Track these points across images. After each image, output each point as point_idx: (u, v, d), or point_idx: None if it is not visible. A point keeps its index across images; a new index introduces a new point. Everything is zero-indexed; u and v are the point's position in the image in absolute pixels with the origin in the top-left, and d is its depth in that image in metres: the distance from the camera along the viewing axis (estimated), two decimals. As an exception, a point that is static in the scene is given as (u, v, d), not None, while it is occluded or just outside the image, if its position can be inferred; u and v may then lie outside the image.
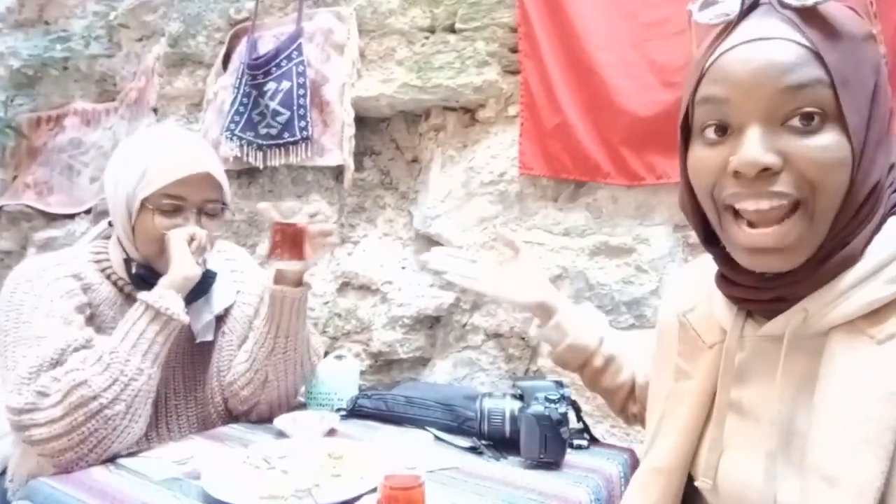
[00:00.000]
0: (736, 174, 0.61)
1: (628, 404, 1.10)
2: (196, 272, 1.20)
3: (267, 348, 1.28)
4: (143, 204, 1.19)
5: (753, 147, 0.60)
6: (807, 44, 0.59)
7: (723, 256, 0.70)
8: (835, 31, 0.60)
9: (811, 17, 0.60)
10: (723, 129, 0.63)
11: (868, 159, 0.60)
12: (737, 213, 0.64)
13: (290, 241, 1.23)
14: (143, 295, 1.15)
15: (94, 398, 1.05)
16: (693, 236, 1.56)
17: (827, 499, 0.57)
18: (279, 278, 1.29)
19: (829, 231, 0.62)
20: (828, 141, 0.59)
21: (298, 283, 1.30)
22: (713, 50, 0.64)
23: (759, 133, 0.60)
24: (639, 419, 1.09)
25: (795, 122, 0.59)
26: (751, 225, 0.63)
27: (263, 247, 2.00)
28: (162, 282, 1.17)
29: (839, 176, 0.59)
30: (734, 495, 0.68)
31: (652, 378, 0.87)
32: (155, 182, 1.18)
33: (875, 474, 0.55)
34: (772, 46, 0.60)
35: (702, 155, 0.65)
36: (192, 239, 1.19)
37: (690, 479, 0.73)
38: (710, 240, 0.71)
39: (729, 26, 0.64)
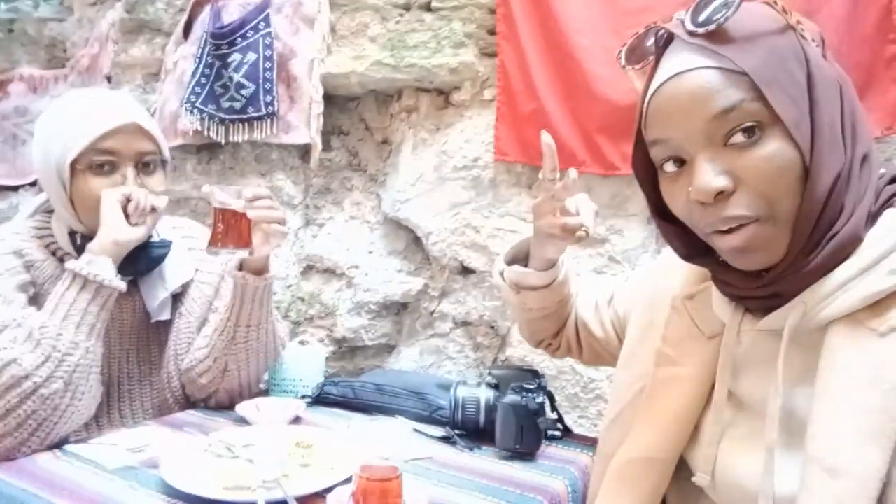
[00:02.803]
0: (698, 202, 0.64)
1: (554, 336, 1.11)
2: (129, 235, 1.10)
3: (227, 337, 1.21)
4: (74, 167, 1.10)
5: (703, 175, 0.62)
6: (722, 65, 0.61)
7: (711, 263, 0.71)
8: (748, 37, 0.61)
9: (720, 37, 0.62)
10: (680, 161, 0.66)
11: (823, 147, 0.60)
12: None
13: (235, 228, 1.12)
14: (69, 264, 1.06)
15: (26, 377, 0.97)
16: (666, 228, 1.56)
17: (829, 490, 0.57)
18: (242, 264, 1.21)
19: (802, 221, 0.61)
20: (771, 148, 0.60)
21: (262, 270, 1.22)
22: (646, 90, 0.68)
23: (706, 160, 0.62)
24: (555, 349, 1.12)
25: (737, 138, 0.61)
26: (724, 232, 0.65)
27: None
28: (90, 247, 1.08)
29: (790, 178, 0.60)
30: (732, 488, 0.67)
31: (625, 355, 0.86)
32: (81, 140, 1.09)
33: (878, 465, 0.55)
34: (691, 79, 0.62)
35: (668, 189, 0.68)
36: (128, 200, 1.10)
37: (677, 468, 0.72)
38: (692, 255, 0.73)
39: (654, 65, 0.68)
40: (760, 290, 0.66)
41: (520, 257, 1.06)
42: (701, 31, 0.62)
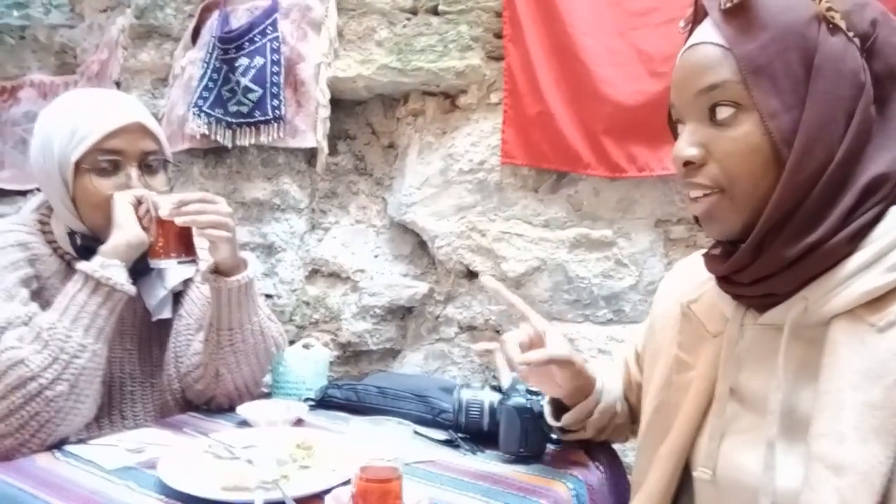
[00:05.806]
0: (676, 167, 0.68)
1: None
2: (142, 238, 1.08)
3: (212, 342, 1.18)
4: (77, 167, 1.09)
5: (680, 142, 0.67)
6: (723, 43, 0.63)
7: (706, 256, 0.73)
8: (758, 23, 0.62)
9: (734, 15, 0.63)
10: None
11: (803, 143, 0.60)
12: None
13: (174, 238, 1.09)
14: (81, 265, 1.05)
15: (33, 378, 0.96)
16: (674, 231, 1.54)
17: (832, 486, 0.56)
18: (214, 266, 1.17)
19: (770, 209, 0.62)
20: (741, 131, 0.62)
21: (233, 270, 1.16)
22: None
23: (689, 130, 0.66)
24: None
25: (719, 114, 0.64)
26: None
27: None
28: (102, 249, 1.07)
29: (755, 163, 0.62)
30: (732, 483, 0.67)
31: (646, 370, 0.85)
32: (87, 139, 1.08)
33: (881, 461, 0.55)
34: (696, 52, 0.66)
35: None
36: (139, 203, 1.10)
37: (686, 466, 0.72)
38: None
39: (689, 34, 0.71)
40: (753, 288, 0.66)
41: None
42: (721, 6, 0.64)
